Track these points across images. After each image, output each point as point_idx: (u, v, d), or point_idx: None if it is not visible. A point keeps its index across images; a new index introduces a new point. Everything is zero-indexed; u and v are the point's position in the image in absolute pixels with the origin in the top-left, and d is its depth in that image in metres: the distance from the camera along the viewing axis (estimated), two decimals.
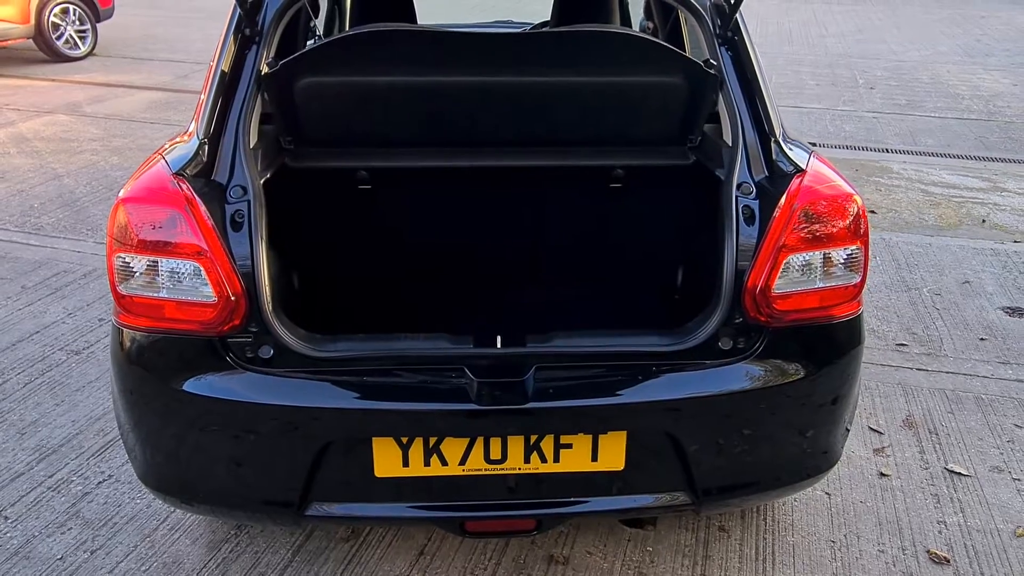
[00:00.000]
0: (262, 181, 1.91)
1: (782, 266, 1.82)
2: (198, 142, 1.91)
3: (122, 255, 1.76)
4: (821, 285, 1.86)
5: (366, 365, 1.84)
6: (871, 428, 2.96)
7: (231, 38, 2.00)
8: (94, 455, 2.77)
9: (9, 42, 8.69)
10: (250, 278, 1.76)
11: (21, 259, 4.28)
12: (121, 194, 1.81)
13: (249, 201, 1.82)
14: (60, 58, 8.95)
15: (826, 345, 1.92)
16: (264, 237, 1.81)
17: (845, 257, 1.87)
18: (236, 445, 1.82)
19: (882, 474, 2.72)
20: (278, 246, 2.24)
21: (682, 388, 1.86)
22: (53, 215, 4.90)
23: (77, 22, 9.15)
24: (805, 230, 1.83)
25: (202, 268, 1.74)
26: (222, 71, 1.97)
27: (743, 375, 1.87)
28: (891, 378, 3.28)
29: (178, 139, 2.04)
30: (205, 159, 1.90)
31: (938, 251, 4.51)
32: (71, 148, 6.21)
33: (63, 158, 5.99)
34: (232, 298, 1.76)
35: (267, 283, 1.77)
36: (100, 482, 2.65)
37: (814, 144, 6.50)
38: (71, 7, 8.97)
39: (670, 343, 1.87)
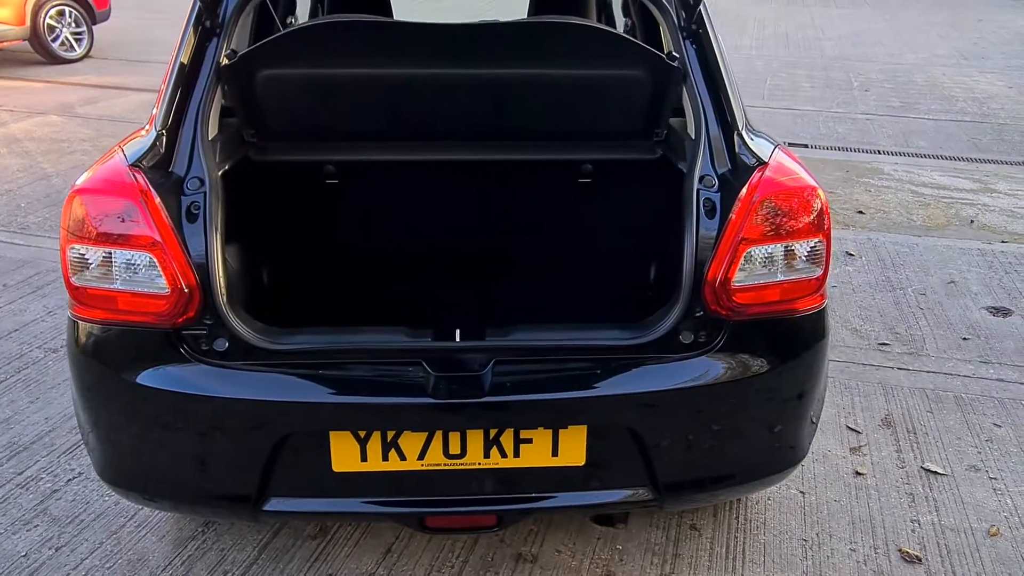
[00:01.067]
0: (220, 173, 1.90)
1: (742, 258, 1.80)
2: (156, 133, 1.90)
3: (76, 246, 1.75)
4: (783, 278, 1.84)
5: (323, 358, 1.82)
6: (849, 427, 2.93)
7: (191, 30, 2.00)
8: (65, 452, 2.75)
9: (4, 44, 8.72)
10: (204, 270, 1.75)
11: (5, 258, 4.27)
12: (76, 185, 1.80)
13: (205, 193, 1.81)
14: (56, 60, 8.97)
15: (789, 339, 1.90)
16: (220, 229, 1.79)
17: (808, 250, 1.85)
18: (191, 438, 1.81)
19: (857, 473, 2.70)
20: (242, 239, 2.23)
21: (642, 382, 1.84)
22: (39, 215, 4.89)
23: (73, 24, 9.17)
24: (766, 222, 1.81)
25: (156, 260, 1.73)
26: (181, 63, 1.97)
27: (704, 369, 1.85)
28: (872, 377, 3.25)
29: (140, 131, 2.03)
30: (163, 150, 1.89)
31: (925, 251, 4.49)
32: (62, 149, 6.22)
33: (53, 158, 5.99)
34: (186, 290, 1.74)
35: (221, 275, 1.76)
36: (70, 479, 2.63)
37: (805, 145, 6.49)
38: (67, 9, 8.99)
39: (630, 337, 1.85)
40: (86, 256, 1.75)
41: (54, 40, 8.95)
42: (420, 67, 2.03)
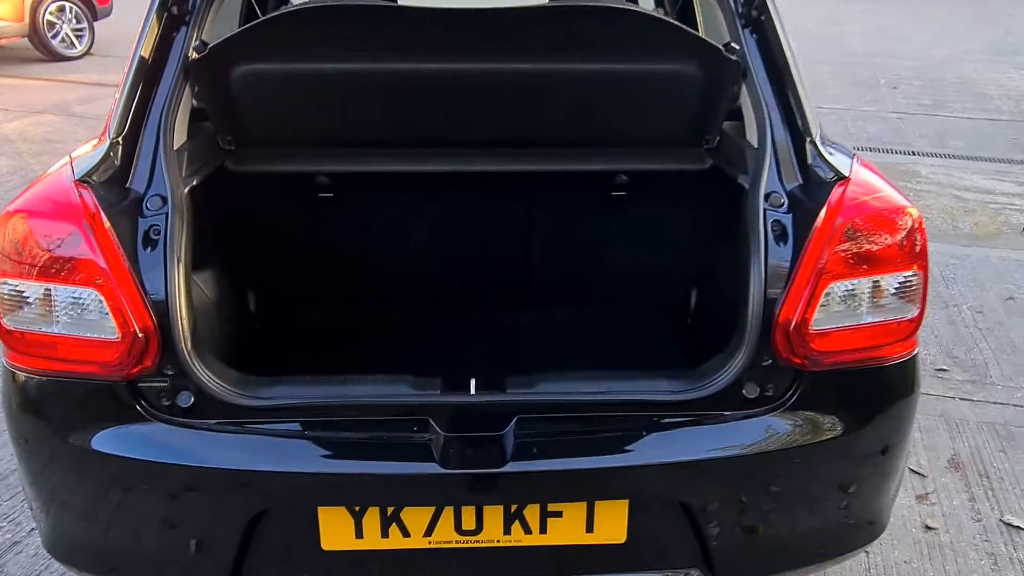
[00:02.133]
0: (188, 188, 1.58)
1: (822, 296, 1.47)
2: (110, 142, 1.59)
3: (9, 281, 1.44)
4: (870, 320, 1.51)
5: (309, 415, 1.51)
6: (912, 470, 2.59)
7: (154, 17, 1.67)
8: None
9: (3, 41, 8.47)
10: (163, 309, 1.43)
11: None
12: (12, 205, 1.48)
13: (167, 214, 1.49)
14: (56, 57, 8.72)
15: (874, 394, 1.57)
16: (184, 258, 1.48)
17: (898, 285, 1.51)
18: (149, 513, 1.50)
19: (928, 527, 2.36)
20: (217, 265, 1.92)
21: (697, 446, 1.52)
22: None
23: (74, 20, 8.92)
24: (851, 252, 1.48)
25: (103, 297, 1.42)
26: (141, 57, 1.65)
27: (771, 430, 1.52)
28: (932, 409, 2.91)
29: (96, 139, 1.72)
30: (118, 163, 1.57)
31: (977, 263, 4.13)
32: (55, 150, 5.94)
33: (45, 160, 5.71)
34: (140, 334, 1.43)
35: (185, 315, 1.45)
36: (32, 529, 2.32)
37: None
38: (67, 5, 8.73)
39: (683, 389, 1.52)
40: (21, 292, 1.44)
41: (54, 37, 8.70)
42: (427, 61, 1.70)
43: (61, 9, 8.70)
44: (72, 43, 8.91)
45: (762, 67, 1.71)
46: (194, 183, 1.62)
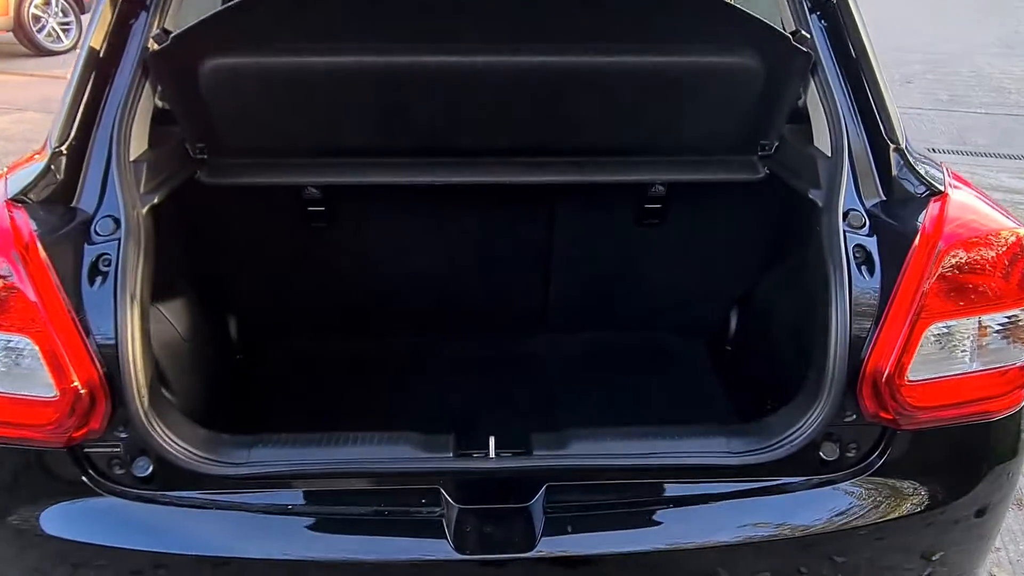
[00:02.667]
0: (149, 207, 1.31)
1: (920, 339, 1.21)
2: (51, 152, 1.31)
3: None
4: (975, 367, 1.24)
5: (294, 485, 1.24)
6: None
7: (106, 1, 1.40)
8: None
9: None
10: (113, 359, 1.16)
11: None
12: None
13: (120, 240, 1.22)
14: (42, 52, 8.42)
15: (976, 456, 1.31)
16: (140, 293, 1.21)
17: (1006, 323, 1.25)
18: None
19: None
20: (188, 295, 1.65)
21: (766, 520, 1.25)
22: None
23: (60, 14, 8.62)
24: (953, 284, 1.21)
25: (37, 346, 1.14)
26: (91, 49, 1.37)
27: (854, 500, 1.26)
28: None
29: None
30: (61, 176, 1.30)
31: None
32: (33, 150, 5.65)
33: None
34: (83, 390, 1.16)
35: (139, 364, 1.18)
36: None
37: None
38: None
39: (746, 451, 1.26)
40: None
41: (40, 31, 8.39)
42: (433, 53, 1.43)
43: (47, 2, 8.40)
44: (58, 37, 8.61)
45: (833, 59, 1.44)
46: (155, 200, 1.35)
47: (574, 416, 1.84)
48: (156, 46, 1.37)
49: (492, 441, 1.30)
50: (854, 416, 1.25)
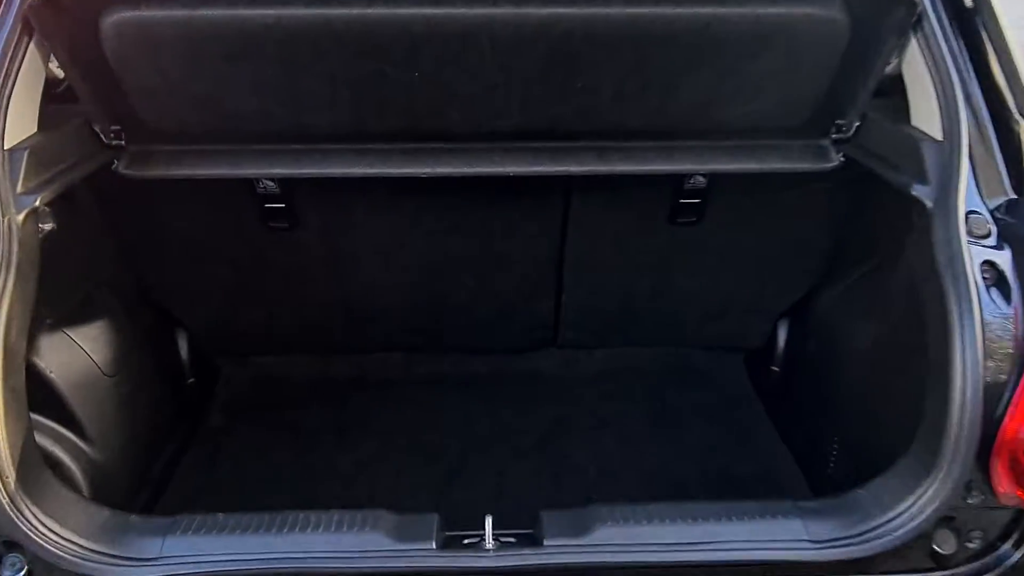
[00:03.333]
0: (27, 212, 0.98)
1: None
2: None
3: None
4: None
5: None
6: None
7: None
8: None
9: None
10: None
11: None
12: None
13: None
14: None
15: None
16: (5, 332, 0.88)
17: None
18: None
19: None
20: (114, 310, 1.33)
21: None
22: None
23: None
24: None
25: None
26: None
27: None
28: None
29: None
30: None
31: None
32: None
33: None
34: None
35: (2, 439, 0.85)
36: None
37: None
38: None
39: (830, 539, 0.94)
40: None
41: None
42: (413, 4, 1.08)
43: None
44: None
45: (942, 11, 1.08)
46: (39, 201, 1.01)
47: (590, 457, 1.53)
48: None
49: (489, 522, 0.97)
50: (982, 496, 0.92)
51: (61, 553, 0.88)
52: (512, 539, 0.98)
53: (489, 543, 0.96)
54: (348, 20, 1.09)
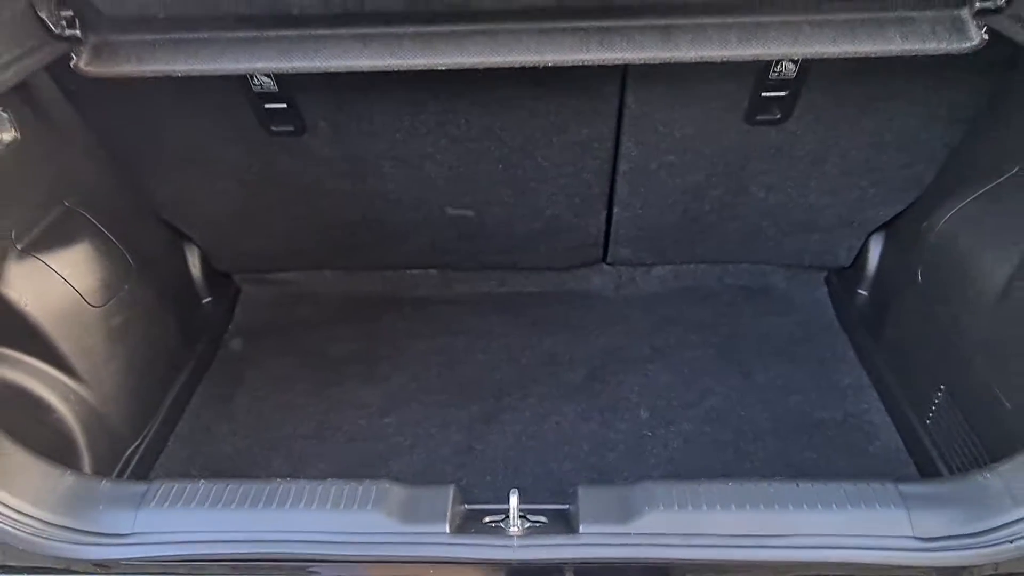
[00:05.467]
0: None
1: None
2: None
3: None
4: None
5: (196, 572, 0.80)
6: None
7: None
8: None
9: None
10: None
11: None
12: None
13: None
14: None
15: None
16: None
17: None
18: None
19: None
20: (92, 236, 1.17)
21: None
22: None
23: None
24: None
25: None
26: None
27: None
28: None
29: None
30: None
31: None
32: None
33: None
34: None
35: None
36: None
37: None
38: None
39: (944, 536, 0.74)
40: None
41: None
42: None
43: None
44: None
45: None
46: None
47: (643, 398, 1.35)
48: None
49: (514, 500, 0.80)
50: None
51: (11, 528, 0.76)
52: (542, 519, 0.81)
53: (514, 526, 0.79)
54: None
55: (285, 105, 1.21)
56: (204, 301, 1.55)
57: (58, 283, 1.09)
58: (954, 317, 1.11)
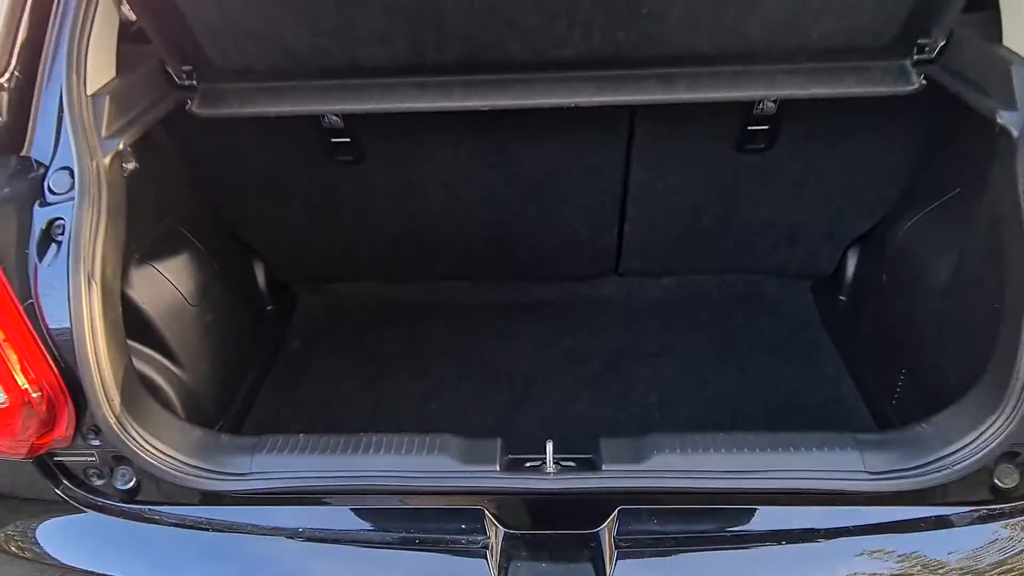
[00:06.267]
0: (113, 155, 1.04)
1: None
2: None
3: None
4: None
5: (303, 502, 1.01)
6: None
7: None
8: None
9: None
10: (69, 350, 0.93)
11: None
12: None
13: (75, 199, 0.97)
14: None
15: None
16: (102, 269, 0.96)
17: None
18: None
19: None
20: (195, 245, 1.41)
21: (913, 564, 0.95)
22: None
23: None
24: None
25: None
26: None
27: None
28: None
29: None
30: (4, 118, 1.04)
31: None
32: None
33: None
34: (36, 393, 0.93)
35: (104, 360, 0.94)
36: None
37: None
38: None
39: (887, 470, 0.95)
40: None
41: None
42: None
43: None
44: None
45: None
46: (121, 144, 1.07)
47: (651, 385, 1.56)
48: None
49: (550, 447, 1.02)
50: None
51: (163, 467, 0.98)
52: (572, 463, 1.02)
53: (550, 467, 1.00)
54: None
55: (348, 139, 1.45)
56: (268, 308, 1.78)
57: (166, 286, 1.32)
58: (910, 311, 1.33)
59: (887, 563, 0.95)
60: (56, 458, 1.01)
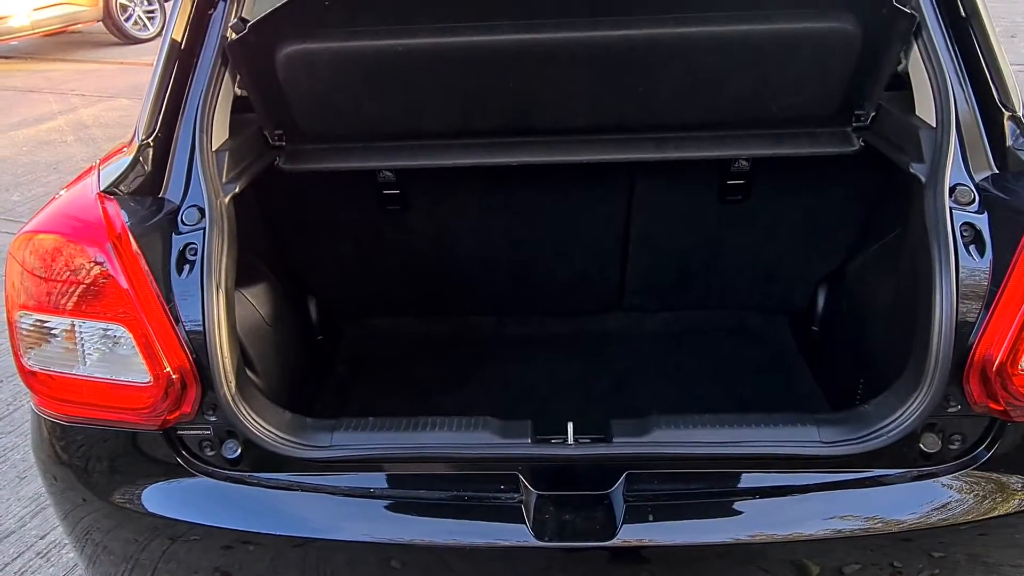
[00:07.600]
0: (231, 196, 1.34)
1: None
2: (139, 145, 1.35)
3: (26, 314, 1.22)
4: None
5: (373, 468, 1.26)
6: None
7: None
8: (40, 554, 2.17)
9: (79, 25, 8.58)
10: (201, 344, 1.20)
11: None
12: (27, 225, 1.27)
13: (204, 229, 1.25)
14: (129, 40, 8.78)
15: None
16: (225, 282, 1.24)
17: None
18: None
19: None
20: (269, 276, 1.69)
21: (857, 514, 1.19)
22: None
23: (145, 2, 8.94)
24: None
25: (131, 334, 1.19)
26: (173, 41, 1.40)
27: (956, 495, 1.19)
28: None
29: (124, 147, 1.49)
30: (149, 168, 1.34)
31: None
32: (126, 136, 5.91)
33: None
34: (175, 376, 1.20)
35: (225, 350, 1.21)
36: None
37: None
38: None
39: (839, 440, 1.20)
40: (43, 327, 1.23)
41: (127, 19, 8.75)
42: (510, 32, 1.40)
43: None
44: (145, 25, 8.95)
45: (939, 18, 1.33)
46: (237, 189, 1.37)
47: (653, 398, 1.82)
48: (234, 35, 1.39)
49: (571, 427, 1.28)
50: (959, 406, 1.17)
51: (264, 439, 1.23)
52: (588, 439, 1.28)
53: (571, 440, 1.26)
54: (457, 46, 1.41)
55: (398, 191, 1.76)
56: (319, 338, 2.05)
57: (249, 306, 1.60)
58: (863, 332, 1.60)
59: (840, 511, 1.19)
60: (178, 432, 1.26)
